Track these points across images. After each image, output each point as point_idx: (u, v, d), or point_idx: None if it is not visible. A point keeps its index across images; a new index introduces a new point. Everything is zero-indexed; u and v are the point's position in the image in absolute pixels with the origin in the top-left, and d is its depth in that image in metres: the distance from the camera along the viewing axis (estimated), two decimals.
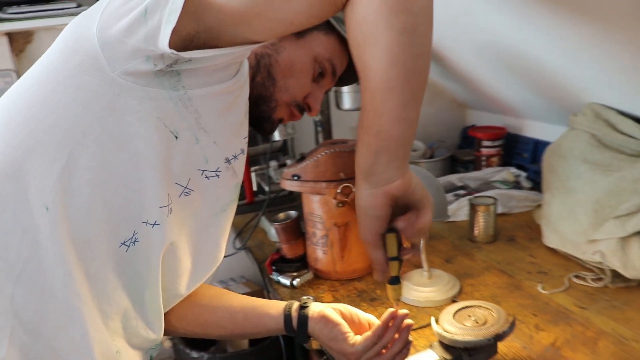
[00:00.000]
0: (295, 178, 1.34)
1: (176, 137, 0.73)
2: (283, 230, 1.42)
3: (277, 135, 1.68)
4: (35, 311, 0.69)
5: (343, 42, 0.92)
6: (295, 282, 1.38)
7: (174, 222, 0.77)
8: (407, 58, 0.67)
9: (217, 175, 0.80)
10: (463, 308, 0.98)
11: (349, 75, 0.97)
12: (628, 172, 1.32)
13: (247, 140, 0.84)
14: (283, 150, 2.02)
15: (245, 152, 0.84)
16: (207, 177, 0.79)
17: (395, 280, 0.86)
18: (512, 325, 0.92)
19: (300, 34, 0.90)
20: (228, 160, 0.81)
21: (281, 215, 1.47)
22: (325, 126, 1.82)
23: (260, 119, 0.88)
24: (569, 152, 1.46)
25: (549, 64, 1.50)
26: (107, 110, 0.68)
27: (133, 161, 0.71)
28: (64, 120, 0.68)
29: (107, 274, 0.74)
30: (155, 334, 0.83)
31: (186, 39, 0.68)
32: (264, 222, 1.78)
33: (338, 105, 1.72)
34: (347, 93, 1.66)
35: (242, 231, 1.83)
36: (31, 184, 0.67)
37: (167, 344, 2.05)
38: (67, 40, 0.71)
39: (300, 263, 1.46)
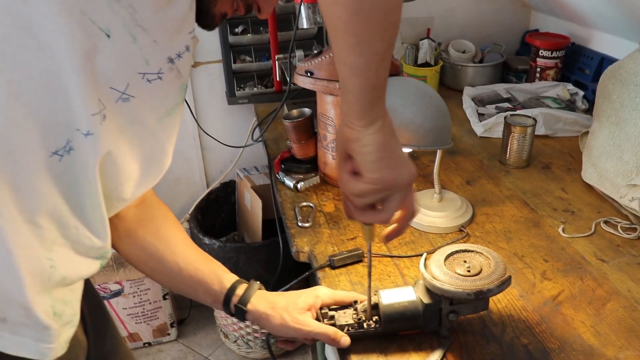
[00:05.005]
0: (309, 74, 1.21)
1: (108, 36, 0.63)
2: (294, 128, 1.32)
3: (304, 23, 1.51)
4: None
5: None
6: (299, 186, 1.30)
7: (110, 129, 0.68)
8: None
9: (160, 78, 0.70)
10: (460, 251, 0.86)
11: None
12: None
13: (193, 35, 0.72)
14: (317, 39, 1.86)
15: (192, 49, 0.72)
16: (148, 80, 0.69)
17: None
18: (502, 284, 0.79)
19: None
20: (171, 60, 0.70)
21: (294, 112, 1.36)
22: None
23: (199, 11, 0.75)
24: (631, 78, 1.26)
25: None
26: (16, 1, 0.58)
27: (54, 61, 0.62)
28: None
29: (38, 185, 0.67)
30: (101, 241, 0.77)
31: None
32: None
33: None
34: None
35: (263, 122, 1.74)
36: None
37: (185, 225, 2.05)
38: None
39: (311, 165, 1.37)
